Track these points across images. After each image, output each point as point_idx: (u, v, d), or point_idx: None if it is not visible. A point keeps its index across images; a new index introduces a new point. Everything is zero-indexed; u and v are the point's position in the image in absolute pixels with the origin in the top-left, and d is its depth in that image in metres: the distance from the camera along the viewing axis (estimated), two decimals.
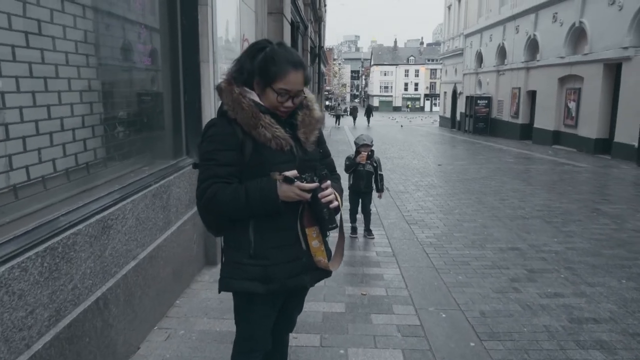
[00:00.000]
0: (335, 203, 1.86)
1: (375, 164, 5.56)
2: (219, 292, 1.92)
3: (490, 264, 4.85)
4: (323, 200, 1.82)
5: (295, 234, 1.87)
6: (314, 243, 1.91)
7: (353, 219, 5.75)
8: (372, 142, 5.55)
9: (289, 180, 1.76)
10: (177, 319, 3.40)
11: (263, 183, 1.78)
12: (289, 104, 1.86)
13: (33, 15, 2.31)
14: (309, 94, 2.02)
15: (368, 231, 5.73)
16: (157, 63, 4.00)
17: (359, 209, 5.75)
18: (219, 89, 1.90)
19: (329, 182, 1.86)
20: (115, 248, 2.73)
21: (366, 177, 5.54)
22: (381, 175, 5.65)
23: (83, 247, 2.38)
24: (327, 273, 1.99)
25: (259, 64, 1.83)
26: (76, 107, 2.74)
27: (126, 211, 2.88)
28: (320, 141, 2.07)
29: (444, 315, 3.55)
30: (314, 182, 1.81)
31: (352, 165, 5.54)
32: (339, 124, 35.09)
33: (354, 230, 5.74)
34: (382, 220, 6.52)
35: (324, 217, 1.84)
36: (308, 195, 1.80)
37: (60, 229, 2.23)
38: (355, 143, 5.65)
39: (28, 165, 2.30)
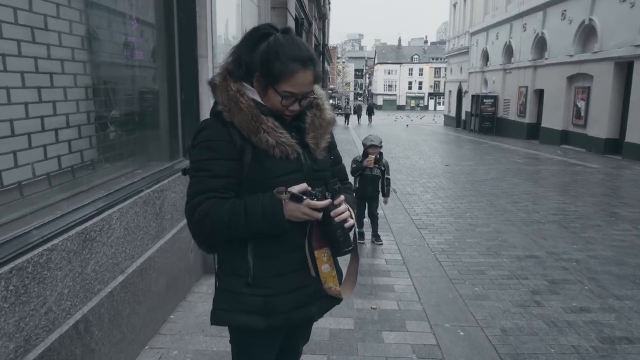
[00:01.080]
0: (351, 221, 1.57)
1: (383, 167, 5.27)
2: (212, 324, 1.62)
3: (507, 274, 4.54)
4: (336, 219, 1.52)
5: (302, 257, 1.57)
6: (324, 268, 1.61)
7: (360, 224, 5.45)
8: (380, 143, 5.26)
9: (296, 199, 1.46)
10: (171, 337, 3.11)
11: (266, 200, 1.48)
12: (295, 107, 1.57)
13: (7, 1, 2.02)
14: (319, 90, 1.72)
15: (376, 237, 5.45)
16: (151, 58, 3.71)
17: (366, 212, 5.46)
18: (212, 84, 1.60)
19: (342, 197, 1.56)
20: (99, 263, 2.44)
21: (373, 182, 5.29)
22: (388, 179, 5.36)
23: (60, 264, 2.08)
24: (336, 300, 1.69)
25: (260, 58, 1.52)
26: (59, 105, 2.46)
27: (112, 221, 2.59)
28: (332, 146, 1.77)
29: (462, 333, 3.25)
30: (325, 198, 1.51)
31: (359, 169, 5.24)
32: (348, 123, 34.17)
33: (361, 235, 5.43)
34: (390, 224, 6.21)
35: (337, 239, 1.54)
36: (319, 215, 1.50)
37: (32, 244, 1.94)
38: (363, 144, 5.34)
39: (1, 171, 2.02)
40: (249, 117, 1.52)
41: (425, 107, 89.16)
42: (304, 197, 1.48)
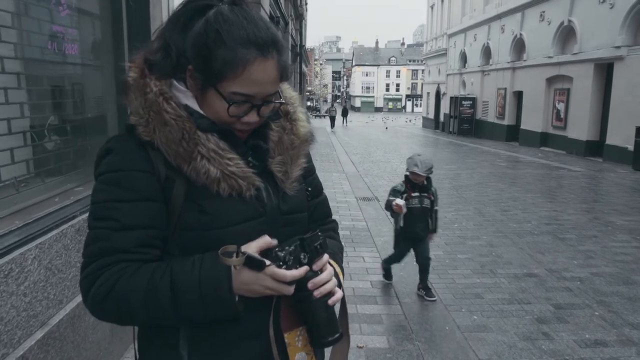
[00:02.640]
0: (338, 295, 1.04)
1: (432, 197, 3.98)
2: None
3: (507, 297, 4.06)
4: (316, 293, 0.99)
5: (264, 347, 1.03)
6: (299, 357, 1.07)
7: (389, 275, 4.30)
8: (429, 170, 3.88)
9: (255, 264, 0.93)
10: None
11: (205, 268, 0.95)
12: (252, 117, 1.04)
13: None
14: (288, 91, 1.19)
15: (426, 289, 4.03)
16: (94, 55, 3.12)
17: (408, 254, 4.20)
18: (124, 84, 1.05)
19: (325, 257, 1.03)
20: (3, 321, 1.84)
21: (423, 216, 3.95)
22: (436, 211, 4.06)
23: None
24: None
25: (193, 42, 0.99)
26: None
27: (26, 261, 1.99)
28: (308, 172, 1.23)
29: None
30: (300, 261, 0.98)
31: (388, 204, 3.96)
32: (333, 127, 31.18)
33: (387, 274, 4.28)
34: (374, 237, 5.71)
35: (317, 323, 1.01)
36: (290, 289, 0.97)
37: None
38: (409, 166, 3.92)
39: None
40: (178, 134, 0.98)
41: (403, 109, 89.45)
42: (267, 262, 0.94)
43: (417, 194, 3.93)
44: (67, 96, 2.88)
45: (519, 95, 21.02)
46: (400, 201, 3.78)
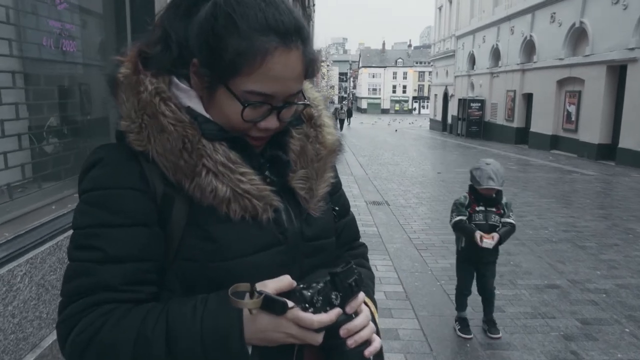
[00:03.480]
0: (376, 344, 0.85)
1: (503, 211, 3.30)
2: None
3: (530, 311, 3.84)
4: (350, 342, 0.81)
5: None
6: None
7: (462, 304, 3.47)
8: (502, 182, 3.21)
9: (275, 306, 0.74)
10: None
11: (209, 312, 0.76)
12: (271, 123, 0.85)
13: None
14: (312, 91, 1.00)
15: (490, 324, 3.43)
16: (96, 53, 2.95)
17: (472, 284, 3.48)
18: (111, 82, 0.87)
19: (361, 296, 0.84)
20: None
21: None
22: (512, 226, 3.31)
23: None
24: None
25: (198, 31, 0.82)
26: None
27: (15, 279, 1.81)
28: (335, 189, 1.05)
29: None
30: (330, 302, 0.78)
31: (465, 229, 3.24)
32: (342, 130, 29.88)
33: (463, 324, 3.42)
34: (386, 244, 5.50)
35: None
36: (318, 338, 0.77)
37: None
38: (476, 180, 3.19)
39: None
40: (178, 143, 0.80)
41: (410, 111, 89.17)
42: (289, 303, 0.74)
43: (482, 207, 3.26)
44: (67, 96, 2.71)
45: (528, 97, 20.73)
46: (489, 240, 3.10)
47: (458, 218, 3.27)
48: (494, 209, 3.26)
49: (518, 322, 3.65)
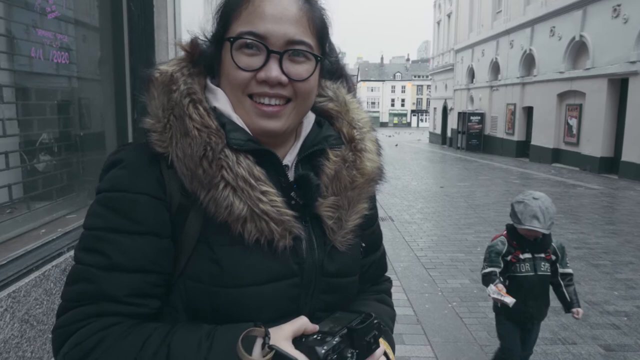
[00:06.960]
0: None
1: (556, 256, 2.72)
2: None
3: (549, 336, 3.64)
4: None
5: None
6: None
7: None
8: (550, 224, 2.57)
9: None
10: None
11: (214, 356, 0.68)
12: (271, 71, 0.77)
13: None
14: (358, 112, 0.91)
15: None
16: (92, 66, 2.80)
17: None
18: (148, 79, 0.82)
19: (378, 353, 0.78)
20: None
21: (540, 288, 2.70)
22: (570, 277, 2.77)
23: None
24: None
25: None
26: None
27: None
28: (369, 222, 0.94)
29: None
30: (345, 359, 0.71)
31: (494, 277, 2.63)
32: None
33: None
34: (393, 262, 5.31)
35: None
36: None
37: None
38: (518, 218, 2.60)
39: None
40: (199, 149, 0.75)
41: (408, 124, 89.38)
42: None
43: (528, 255, 2.66)
44: (61, 111, 2.55)
45: (529, 110, 20.68)
46: (507, 299, 2.49)
47: (488, 270, 2.67)
48: (542, 255, 2.66)
49: (537, 349, 3.43)
